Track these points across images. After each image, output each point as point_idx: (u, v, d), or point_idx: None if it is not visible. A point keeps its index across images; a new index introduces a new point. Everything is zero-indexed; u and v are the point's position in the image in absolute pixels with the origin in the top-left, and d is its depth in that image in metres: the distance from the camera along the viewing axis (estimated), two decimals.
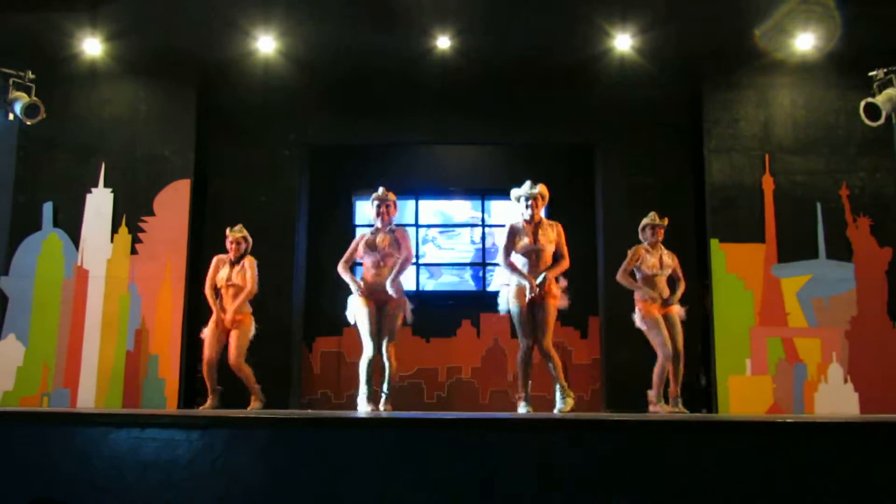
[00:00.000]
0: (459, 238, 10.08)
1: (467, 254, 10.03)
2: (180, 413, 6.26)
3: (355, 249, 6.51)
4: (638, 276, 6.82)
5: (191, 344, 8.22)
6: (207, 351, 6.97)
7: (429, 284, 9.93)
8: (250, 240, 7.15)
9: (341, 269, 6.49)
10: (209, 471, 3.72)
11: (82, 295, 8.14)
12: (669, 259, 6.83)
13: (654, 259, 6.76)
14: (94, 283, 8.17)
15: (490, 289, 9.81)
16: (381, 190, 6.47)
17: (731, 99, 8.32)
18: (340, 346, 9.22)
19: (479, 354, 9.37)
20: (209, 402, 6.96)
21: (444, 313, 9.50)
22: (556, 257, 6.23)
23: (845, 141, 8.14)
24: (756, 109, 8.29)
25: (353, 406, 6.46)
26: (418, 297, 9.57)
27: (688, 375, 6.87)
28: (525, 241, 6.14)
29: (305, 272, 9.05)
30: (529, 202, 6.17)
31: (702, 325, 8.20)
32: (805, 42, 7.90)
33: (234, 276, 6.97)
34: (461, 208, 10.11)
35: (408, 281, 9.64)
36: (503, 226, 9.60)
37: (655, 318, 6.65)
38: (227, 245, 7.06)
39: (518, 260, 6.19)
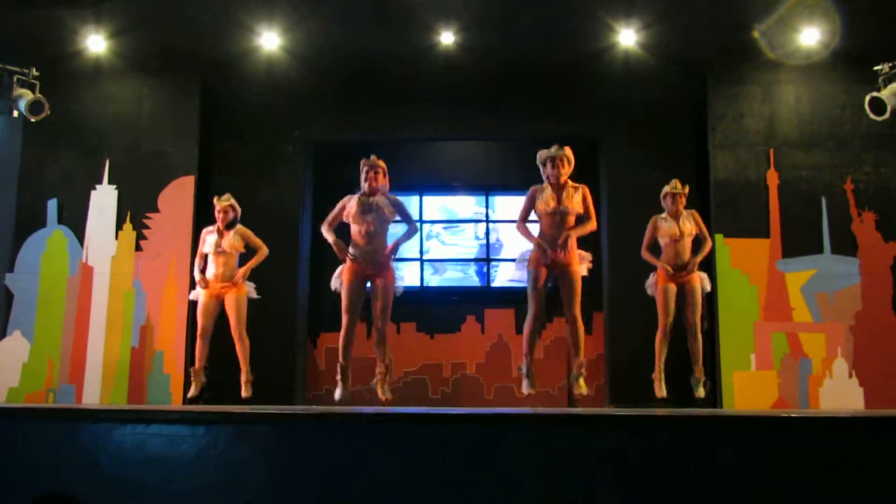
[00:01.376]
0: (464, 234, 10.08)
1: (471, 249, 10.03)
2: (185, 408, 6.28)
3: (341, 212, 6.18)
4: (661, 244, 6.81)
5: (195, 340, 8.23)
6: (203, 320, 6.83)
7: (433, 280, 9.93)
8: (238, 208, 7.06)
9: (325, 231, 6.19)
10: (214, 466, 3.73)
11: (87, 291, 8.16)
12: (689, 223, 6.78)
13: (672, 226, 6.75)
14: (99, 279, 8.18)
15: (494, 284, 9.83)
16: (371, 157, 6.31)
17: (736, 94, 8.30)
18: None
19: (484, 350, 9.38)
20: (194, 387, 6.84)
21: (448, 309, 9.51)
22: (582, 220, 6.06)
23: (850, 135, 8.12)
24: (761, 105, 8.28)
25: (358, 402, 6.47)
26: (423, 293, 9.61)
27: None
28: (550, 203, 5.99)
29: (309, 268, 9.05)
30: (555, 162, 6.07)
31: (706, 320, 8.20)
32: (810, 37, 7.88)
33: (223, 243, 6.89)
34: (465, 204, 10.11)
35: (412, 277, 9.67)
36: (508, 221, 9.77)
37: (663, 289, 6.67)
38: (216, 214, 7.00)
39: (542, 222, 6.06)
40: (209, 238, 6.97)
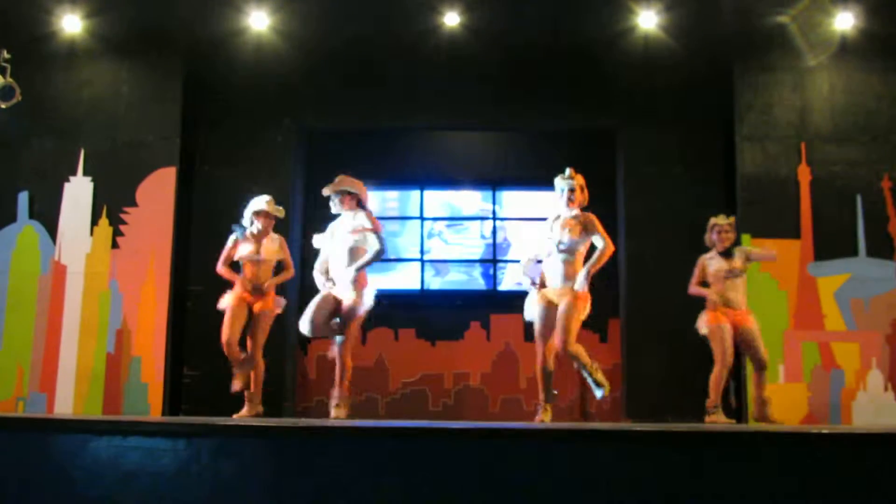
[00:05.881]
0: (468, 232, 10.08)
1: (477, 249, 10.03)
2: (165, 420, 6.31)
3: None
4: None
5: (176, 345, 8.26)
6: None
7: (434, 283, 9.93)
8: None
9: None
10: (196, 482, 3.75)
11: (60, 292, 8.18)
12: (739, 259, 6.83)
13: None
14: (73, 279, 8.20)
15: (501, 288, 9.82)
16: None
17: (765, 82, 8.29)
18: None
19: (490, 359, 9.37)
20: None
21: (451, 314, 9.49)
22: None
23: (887, 129, 8.12)
24: (792, 94, 8.27)
25: (354, 415, 6.50)
26: (423, 296, 9.61)
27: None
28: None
29: (300, 269, 9.05)
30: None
31: None
32: (844, 22, 7.88)
33: None
34: (470, 200, 10.12)
35: (412, 279, 9.68)
36: (516, 219, 9.79)
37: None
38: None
39: None
40: None
